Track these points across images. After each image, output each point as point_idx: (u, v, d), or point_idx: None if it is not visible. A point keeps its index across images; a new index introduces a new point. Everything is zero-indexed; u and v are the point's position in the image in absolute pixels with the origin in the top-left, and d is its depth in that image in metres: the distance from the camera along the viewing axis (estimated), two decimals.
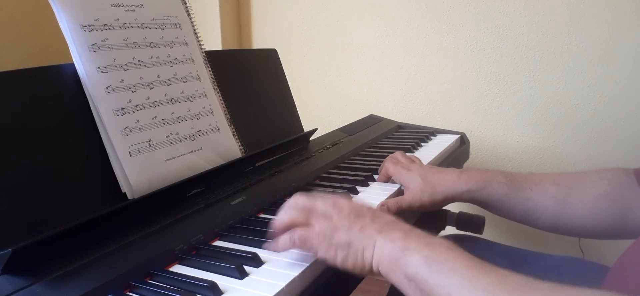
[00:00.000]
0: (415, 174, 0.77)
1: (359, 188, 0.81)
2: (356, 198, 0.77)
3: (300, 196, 0.59)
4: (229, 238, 0.63)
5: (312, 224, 0.56)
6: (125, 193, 0.68)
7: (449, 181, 0.76)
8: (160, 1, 0.80)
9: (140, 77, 0.73)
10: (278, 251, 0.57)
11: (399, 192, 0.81)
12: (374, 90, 1.62)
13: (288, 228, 0.57)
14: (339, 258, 0.53)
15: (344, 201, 0.58)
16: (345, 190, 0.77)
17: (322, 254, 0.54)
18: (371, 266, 0.52)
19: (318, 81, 1.71)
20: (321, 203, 0.57)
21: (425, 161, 0.97)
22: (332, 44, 1.66)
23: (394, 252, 0.50)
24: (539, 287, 0.41)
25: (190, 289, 0.50)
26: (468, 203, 0.79)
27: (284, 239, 0.56)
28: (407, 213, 0.76)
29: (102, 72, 0.68)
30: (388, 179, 0.84)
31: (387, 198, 0.75)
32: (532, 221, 0.74)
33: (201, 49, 0.85)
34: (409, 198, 0.75)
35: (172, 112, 0.76)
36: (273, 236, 0.58)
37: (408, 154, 0.89)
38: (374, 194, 0.80)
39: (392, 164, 0.82)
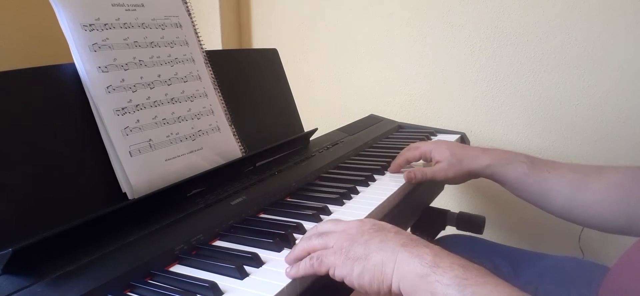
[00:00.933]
0: (443, 147, 0.81)
1: (359, 188, 0.81)
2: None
3: (324, 222, 0.57)
4: (229, 238, 0.63)
5: (329, 244, 0.53)
6: (125, 193, 0.67)
7: (474, 156, 0.80)
8: (161, 1, 0.80)
9: (141, 77, 0.73)
10: (298, 277, 0.52)
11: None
12: (374, 90, 1.62)
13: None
14: (355, 273, 0.49)
15: (366, 219, 0.56)
16: (345, 190, 0.77)
17: (338, 272, 0.50)
18: (390, 284, 0.47)
19: (318, 81, 1.71)
20: (342, 223, 0.55)
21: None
22: (332, 43, 1.66)
23: (422, 268, 0.45)
24: None
25: (191, 289, 0.50)
26: (468, 203, 0.80)
27: (304, 263, 0.52)
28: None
29: (102, 71, 0.68)
30: (399, 170, 0.87)
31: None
32: (545, 203, 0.76)
33: (202, 48, 0.85)
34: (435, 169, 0.79)
35: (173, 112, 0.76)
36: (291, 262, 0.55)
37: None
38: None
39: (412, 149, 0.86)
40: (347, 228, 0.54)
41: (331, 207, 0.72)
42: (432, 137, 1.19)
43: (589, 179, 0.72)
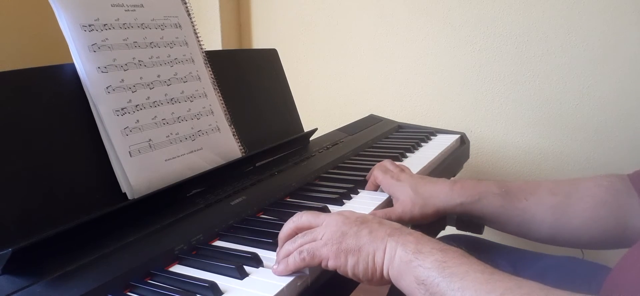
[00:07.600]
0: (405, 185, 0.73)
1: (359, 188, 0.81)
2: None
3: (304, 213, 0.58)
4: (229, 238, 0.63)
5: (317, 237, 0.54)
6: (125, 193, 0.67)
7: (441, 193, 0.72)
8: (161, 1, 0.80)
9: (141, 77, 0.73)
10: (288, 273, 0.53)
11: (388, 201, 0.77)
12: (374, 90, 1.62)
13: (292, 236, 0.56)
14: (349, 264, 0.51)
15: (347, 211, 0.57)
16: (345, 190, 0.77)
17: (332, 263, 0.52)
18: (381, 271, 0.50)
19: (318, 81, 1.71)
20: (324, 215, 0.56)
21: (425, 161, 0.97)
22: (332, 44, 1.66)
23: (406, 255, 0.48)
24: (555, 293, 0.40)
25: (190, 289, 0.50)
26: None
27: (293, 258, 0.53)
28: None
29: (102, 72, 0.68)
30: (376, 188, 0.80)
31: (375, 209, 0.72)
32: (529, 233, 0.72)
33: (201, 49, 0.85)
34: (398, 210, 0.72)
35: (172, 112, 0.76)
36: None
37: (397, 162, 0.85)
38: (363, 203, 0.76)
39: (382, 172, 0.78)
40: (331, 221, 0.54)
41: (331, 207, 0.72)
42: (432, 137, 1.18)
43: (571, 201, 0.67)
